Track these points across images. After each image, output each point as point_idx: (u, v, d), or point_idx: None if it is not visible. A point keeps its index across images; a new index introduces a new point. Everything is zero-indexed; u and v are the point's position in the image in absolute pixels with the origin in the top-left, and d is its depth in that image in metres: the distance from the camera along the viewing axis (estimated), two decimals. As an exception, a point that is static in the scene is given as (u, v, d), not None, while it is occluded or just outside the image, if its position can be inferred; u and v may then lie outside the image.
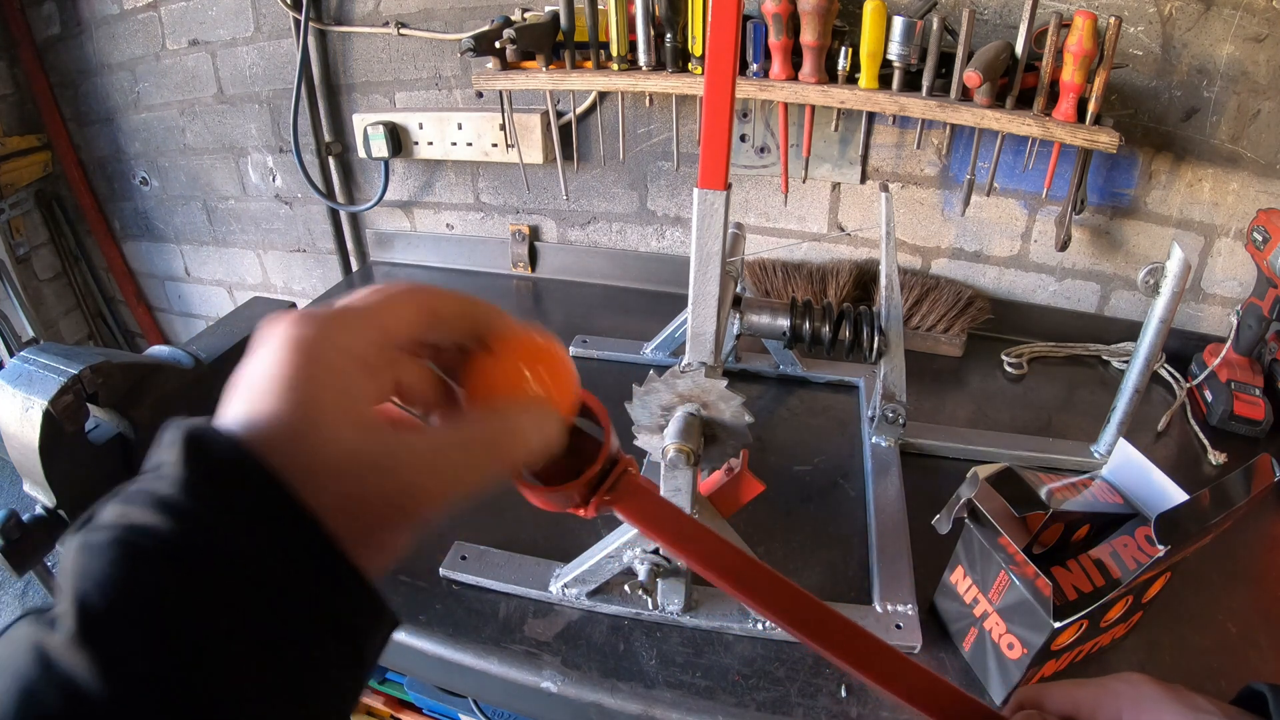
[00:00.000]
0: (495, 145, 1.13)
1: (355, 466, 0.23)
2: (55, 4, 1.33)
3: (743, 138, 1.03)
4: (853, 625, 0.30)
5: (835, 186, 1.05)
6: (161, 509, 0.20)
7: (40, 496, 0.57)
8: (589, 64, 0.93)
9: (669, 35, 0.87)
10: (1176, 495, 0.51)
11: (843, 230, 1.08)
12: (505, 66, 0.95)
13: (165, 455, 0.21)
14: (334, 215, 1.34)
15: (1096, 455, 0.75)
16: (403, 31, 1.09)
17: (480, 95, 1.12)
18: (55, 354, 0.56)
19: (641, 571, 0.54)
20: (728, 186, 0.45)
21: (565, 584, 0.59)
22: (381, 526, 0.24)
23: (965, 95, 0.82)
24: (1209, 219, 0.93)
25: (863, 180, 1.03)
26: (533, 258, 1.23)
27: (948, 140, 0.97)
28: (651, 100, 0.98)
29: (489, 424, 0.27)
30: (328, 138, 1.24)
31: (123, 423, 0.59)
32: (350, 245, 1.38)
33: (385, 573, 0.25)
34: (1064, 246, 0.91)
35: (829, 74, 0.86)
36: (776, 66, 0.86)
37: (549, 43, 0.92)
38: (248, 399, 0.23)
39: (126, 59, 1.32)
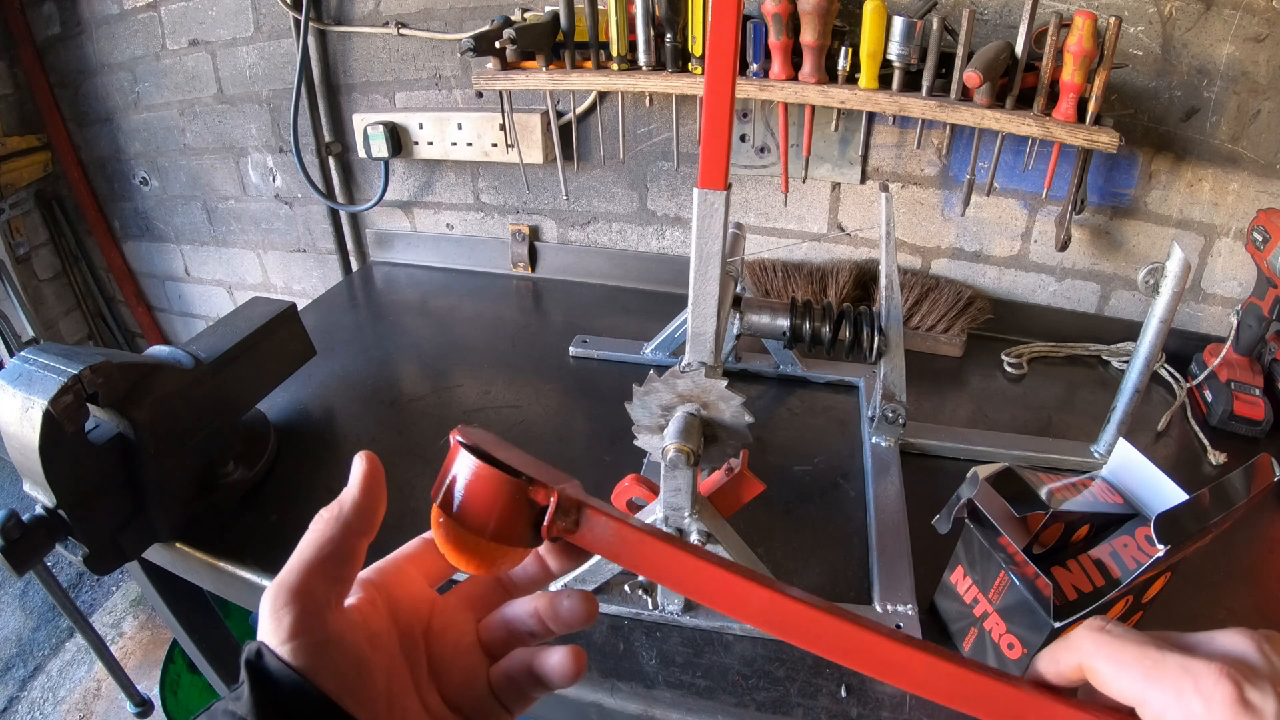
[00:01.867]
0: (495, 145, 1.13)
1: None
2: (55, 4, 1.33)
3: (743, 138, 1.03)
4: (840, 619, 0.29)
5: (835, 186, 1.05)
6: None
7: (40, 496, 0.57)
8: (589, 64, 0.93)
9: (669, 35, 0.87)
10: (1176, 495, 0.51)
11: (843, 230, 1.08)
12: (505, 66, 0.95)
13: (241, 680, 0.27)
14: (334, 215, 1.34)
15: (1096, 455, 0.75)
16: (403, 31, 1.09)
17: (480, 95, 1.12)
18: (55, 354, 0.56)
19: (641, 571, 0.54)
20: (728, 186, 0.45)
21: (565, 584, 0.59)
22: None
23: (965, 95, 0.82)
24: (1209, 219, 0.93)
25: (863, 180, 1.03)
26: (533, 258, 1.23)
27: (948, 140, 0.97)
28: (651, 100, 0.98)
29: None
30: (328, 138, 1.24)
31: (123, 423, 0.59)
32: (350, 245, 1.38)
33: None
34: (1064, 246, 0.91)
35: (829, 74, 0.86)
36: (776, 66, 0.86)
37: (549, 43, 0.92)
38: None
39: (126, 59, 1.32)
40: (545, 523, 0.31)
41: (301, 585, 0.28)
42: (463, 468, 0.31)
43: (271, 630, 0.27)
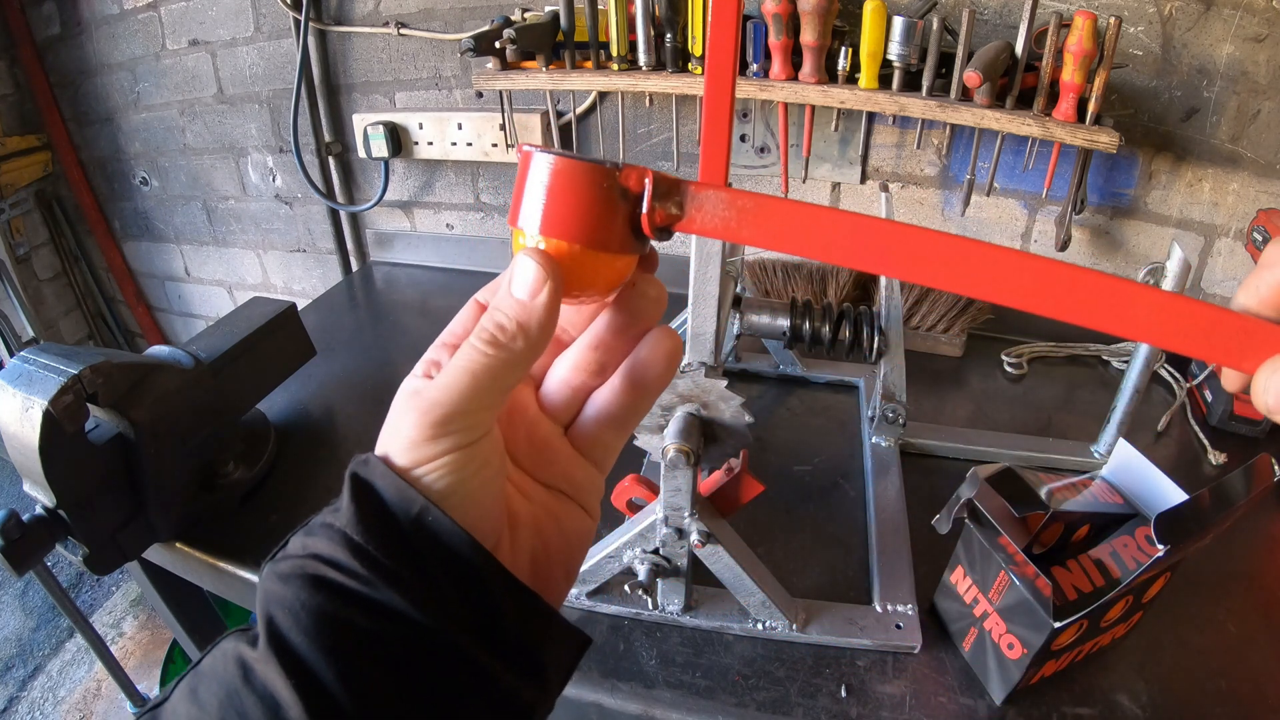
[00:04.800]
0: (495, 145, 1.13)
1: None
2: (55, 4, 1.33)
3: (743, 138, 1.03)
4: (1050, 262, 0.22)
5: (835, 186, 1.05)
6: (340, 542, 0.23)
7: (40, 496, 0.57)
8: (589, 64, 0.93)
9: (669, 35, 0.87)
10: (1176, 495, 0.51)
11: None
12: (505, 66, 0.95)
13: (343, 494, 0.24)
14: (334, 215, 1.34)
15: (1096, 455, 0.75)
16: (403, 31, 1.09)
17: (480, 95, 1.12)
18: (55, 354, 0.56)
19: (641, 571, 0.54)
20: (728, 186, 0.45)
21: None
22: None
23: (965, 95, 0.82)
24: (1209, 219, 0.93)
25: (863, 180, 1.03)
26: (533, 258, 1.23)
27: (948, 140, 0.97)
28: (651, 100, 0.98)
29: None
30: (328, 138, 1.24)
31: (123, 423, 0.59)
32: (350, 245, 1.38)
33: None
34: (1064, 246, 0.91)
35: (829, 74, 0.86)
36: (776, 66, 0.86)
37: (549, 43, 0.92)
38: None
39: (126, 59, 1.32)
40: (645, 210, 0.25)
41: (459, 409, 0.24)
42: (538, 171, 0.26)
43: (409, 456, 0.25)
